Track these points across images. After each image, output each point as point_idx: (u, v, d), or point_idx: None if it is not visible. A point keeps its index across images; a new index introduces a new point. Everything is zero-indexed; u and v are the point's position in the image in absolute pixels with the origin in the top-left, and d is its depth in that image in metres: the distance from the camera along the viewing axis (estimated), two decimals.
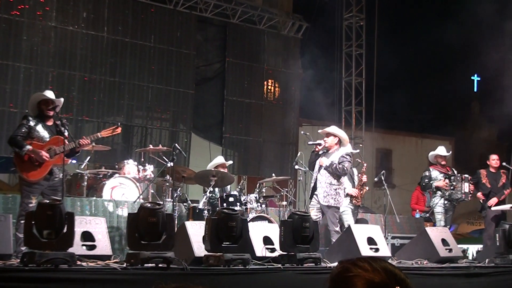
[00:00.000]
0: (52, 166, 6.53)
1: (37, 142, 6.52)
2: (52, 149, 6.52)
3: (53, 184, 6.57)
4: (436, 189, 9.46)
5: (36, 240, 5.24)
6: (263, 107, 14.66)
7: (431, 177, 9.55)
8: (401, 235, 9.56)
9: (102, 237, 6.35)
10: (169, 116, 13.35)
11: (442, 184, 9.39)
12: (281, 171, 13.75)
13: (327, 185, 7.71)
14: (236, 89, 14.32)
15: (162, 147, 9.61)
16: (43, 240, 5.26)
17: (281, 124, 14.86)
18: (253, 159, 14.38)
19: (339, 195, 7.76)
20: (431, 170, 9.62)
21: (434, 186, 9.44)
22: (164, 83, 13.16)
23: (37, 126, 6.59)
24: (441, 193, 9.41)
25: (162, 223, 5.69)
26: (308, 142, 8.09)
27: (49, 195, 6.34)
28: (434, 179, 9.51)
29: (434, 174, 9.56)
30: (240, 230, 6.08)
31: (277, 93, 15.35)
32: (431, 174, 9.58)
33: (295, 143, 15.14)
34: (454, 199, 9.41)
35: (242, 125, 14.34)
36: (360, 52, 16.42)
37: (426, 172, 9.66)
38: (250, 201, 8.45)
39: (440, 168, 9.60)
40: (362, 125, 16.57)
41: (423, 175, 9.67)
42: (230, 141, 14.09)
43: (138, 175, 9.30)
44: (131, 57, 12.76)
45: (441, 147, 9.71)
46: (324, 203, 7.66)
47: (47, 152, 6.49)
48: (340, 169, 7.68)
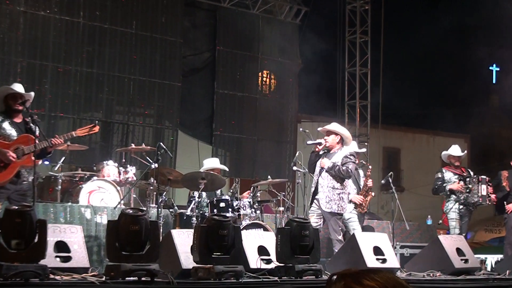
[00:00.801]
0: (20, 167, 6.47)
1: (3, 140, 6.45)
2: (20, 149, 6.45)
3: (21, 188, 6.52)
4: (450, 192, 9.47)
5: (3, 251, 5.20)
6: (258, 101, 14.65)
7: (444, 179, 9.55)
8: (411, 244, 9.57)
9: (78, 247, 6.32)
10: (153, 112, 13.33)
11: (457, 187, 9.40)
12: (277, 173, 13.75)
13: (329, 190, 7.71)
14: (228, 81, 14.30)
15: (146, 147, 9.58)
16: (11, 251, 5.22)
17: (278, 120, 14.86)
18: (247, 159, 14.38)
19: (343, 200, 7.76)
20: (444, 172, 9.63)
21: (448, 189, 9.45)
22: (148, 74, 13.13)
23: (4, 123, 6.53)
24: (455, 197, 9.41)
25: (146, 231, 5.66)
26: (307, 142, 8.08)
27: (17, 201, 6.29)
28: (447, 182, 9.51)
29: (448, 175, 9.57)
30: (232, 239, 6.06)
31: (273, 86, 15.34)
32: (444, 175, 9.58)
33: (293, 142, 15.14)
34: (470, 204, 9.41)
35: (235, 121, 14.33)
36: (365, 39, 16.44)
37: (438, 174, 9.67)
38: (243, 207, 8.43)
39: (454, 169, 9.60)
40: (368, 121, 16.59)
41: (436, 177, 9.67)
42: (221, 139, 14.08)
43: (118, 177, 9.27)
44: (110, 46, 12.72)
45: (455, 146, 9.72)
46: (327, 209, 7.65)
47: (14, 152, 6.42)
48: (344, 172, 7.67)
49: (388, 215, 14.39)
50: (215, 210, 8.13)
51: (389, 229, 9.39)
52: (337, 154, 7.85)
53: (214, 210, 8.14)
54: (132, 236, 5.61)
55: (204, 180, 8.19)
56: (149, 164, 8.48)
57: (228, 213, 8.07)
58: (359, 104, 16.49)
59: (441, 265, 7.76)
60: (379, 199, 17.06)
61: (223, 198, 8.40)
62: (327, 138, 7.95)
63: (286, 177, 13.99)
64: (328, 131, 7.99)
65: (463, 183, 9.42)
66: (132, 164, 10.00)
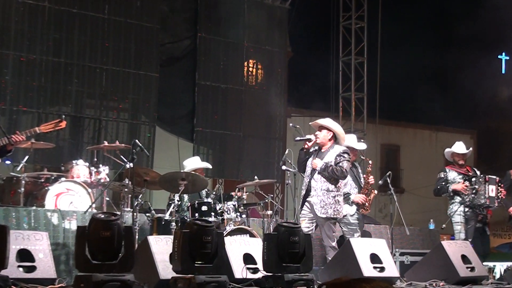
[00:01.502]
0: None
1: None
2: None
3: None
4: (453, 193, 9.48)
5: None
6: (243, 93, 14.64)
7: (447, 179, 9.56)
8: (412, 250, 9.60)
9: (44, 256, 6.29)
10: (128, 106, 13.27)
11: (461, 187, 9.40)
12: (265, 173, 13.75)
13: (323, 193, 7.69)
14: (210, 71, 14.27)
15: (120, 144, 9.54)
16: None
17: (265, 114, 14.86)
18: (231, 158, 14.36)
19: (339, 204, 7.75)
20: (447, 171, 9.64)
21: (451, 190, 9.47)
22: (122, 64, 13.07)
23: None
24: (460, 199, 9.43)
25: (119, 238, 5.64)
26: (295, 138, 8.07)
27: None
28: (451, 182, 9.53)
29: (451, 175, 9.58)
30: (215, 247, 6.06)
31: (260, 77, 15.33)
32: (447, 175, 9.59)
33: (282, 138, 15.15)
34: (476, 206, 9.43)
35: (218, 116, 14.31)
36: (361, 25, 16.48)
37: (441, 173, 9.68)
38: (227, 211, 8.42)
39: (458, 168, 9.62)
40: (364, 115, 16.66)
41: (438, 177, 9.69)
42: (203, 136, 14.06)
43: (89, 178, 9.23)
44: (80, 33, 12.64)
45: (458, 143, 9.73)
46: (322, 214, 7.65)
47: None
48: (339, 172, 7.66)
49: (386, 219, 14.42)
50: (196, 215, 8.11)
51: (388, 235, 9.42)
52: (329, 152, 7.82)
53: (196, 215, 8.12)
54: (104, 244, 5.59)
55: (184, 181, 8.17)
56: (123, 164, 8.45)
57: (210, 217, 8.06)
58: (355, 97, 16.54)
59: (445, 273, 7.79)
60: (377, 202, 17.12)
61: (205, 201, 8.38)
62: (318, 133, 7.93)
63: (275, 177, 13.98)
64: (320, 126, 7.97)
65: (468, 183, 9.42)
66: (105, 163, 9.96)
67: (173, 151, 13.97)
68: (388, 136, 21.85)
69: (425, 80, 19.99)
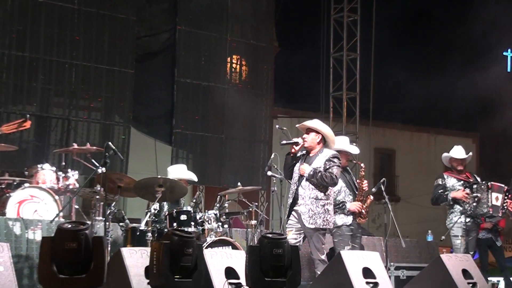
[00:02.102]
0: None
1: None
2: None
3: None
4: (453, 202, 9.48)
5: None
6: (226, 92, 14.64)
7: (445, 187, 9.55)
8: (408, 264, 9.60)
9: (4, 269, 6.23)
10: (101, 105, 13.23)
11: (461, 195, 9.39)
12: (249, 179, 13.75)
13: (312, 201, 7.68)
14: (190, 68, 14.26)
15: (91, 147, 9.49)
16: None
17: (250, 115, 14.87)
18: (213, 162, 14.35)
19: (328, 213, 7.75)
20: (446, 178, 9.62)
21: (450, 198, 9.47)
22: (93, 59, 13.02)
23: None
24: (460, 208, 9.44)
25: (88, 249, 5.60)
26: (281, 142, 8.05)
27: None
28: (450, 189, 9.53)
29: (450, 182, 9.56)
30: (194, 260, 6.04)
31: (244, 74, 15.34)
32: (445, 182, 9.59)
33: (267, 141, 15.15)
34: (478, 215, 9.44)
35: (199, 116, 14.30)
36: (354, 18, 16.53)
37: (438, 180, 9.66)
38: (208, 220, 8.40)
39: (457, 174, 9.62)
40: (356, 116, 16.70)
41: (435, 184, 9.67)
42: (182, 138, 14.03)
43: (57, 184, 9.17)
44: (46, 24, 12.58)
45: (457, 147, 9.70)
46: (310, 225, 7.63)
47: None
48: (328, 178, 7.65)
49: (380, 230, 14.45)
50: (174, 224, 8.08)
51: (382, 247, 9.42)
52: (318, 157, 7.81)
53: (174, 224, 8.09)
54: (71, 256, 5.54)
55: (161, 187, 8.14)
56: (95, 169, 8.40)
57: (190, 227, 8.03)
58: (346, 96, 16.58)
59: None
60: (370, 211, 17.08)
61: (184, 210, 8.35)
62: (305, 136, 7.92)
63: (260, 184, 13.97)
64: (308, 128, 7.97)
65: (469, 191, 9.41)
66: (74, 168, 9.91)
67: (149, 154, 13.94)
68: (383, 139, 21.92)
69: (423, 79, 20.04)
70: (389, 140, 22.34)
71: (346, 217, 8.42)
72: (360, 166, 8.84)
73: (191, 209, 8.41)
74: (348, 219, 8.43)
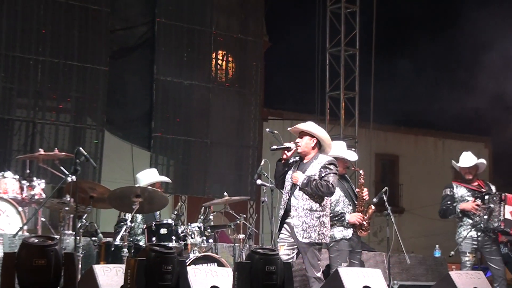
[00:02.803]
0: None
1: None
2: None
3: None
4: (462, 214, 9.46)
5: None
6: (211, 91, 14.66)
7: (454, 197, 9.52)
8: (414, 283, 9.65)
9: None
10: (70, 106, 13.21)
11: (471, 207, 9.34)
12: (237, 188, 13.76)
13: (306, 213, 7.68)
14: (171, 65, 14.27)
15: (60, 153, 9.47)
16: None
17: (238, 117, 14.89)
18: (196, 170, 14.35)
19: (324, 226, 7.75)
20: (455, 187, 9.58)
21: (459, 210, 9.45)
22: (62, 55, 13.01)
23: None
24: (470, 221, 9.41)
25: (57, 267, 5.60)
26: (272, 147, 8.06)
27: None
28: (458, 200, 9.51)
29: (460, 192, 9.53)
30: (175, 278, 6.04)
31: (231, 71, 15.36)
32: (454, 192, 9.57)
33: (257, 146, 15.16)
34: (489, 229, 9.42)
35: (181, 119, 14.31)
36: (353, 9, 16.55)
37: (447, 190, 9.61)
38: (191, 234, 8.41)
39: (467, 183, 9.59)
40: (355, 118, 16.72)
41: (444, 195, 9.62)
42: (162, 143, 14.03)
43: (20, 195, 9.15)
44: (8, 16, 12.57)
45: (464, 155, 9.64)
46: (304, 239, 7.64)
47: None
48: (324, 187, 7.65)
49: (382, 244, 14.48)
50: (153, 239, 8.09)
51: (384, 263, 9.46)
52: (313, 164, 7.82)
53: (153, 239, 8.09)
54: (38, 274, 5.54)
55: (139, 198, 8.13)
56: (64, 177, 8.39)
57: (171, 242, 8.04)
58: (344, 97, 16.59)
59: None
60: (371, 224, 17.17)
61: (164, 222, 8.36)
62: (299, 141, 7.93)
63: (248, 194, 13.98)
64: (301, 131, 7.98)
65: (481, 202, 9.38)
66: (40, 176, 9.88)
67: (126, 161, 13.92)
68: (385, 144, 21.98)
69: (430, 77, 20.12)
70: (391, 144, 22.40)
71: (345, 230, 8.42)
72: (359, 173, 8.86)
73: (172, 221, 8.42)
74: (348, 232, 8.43)
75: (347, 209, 8.49)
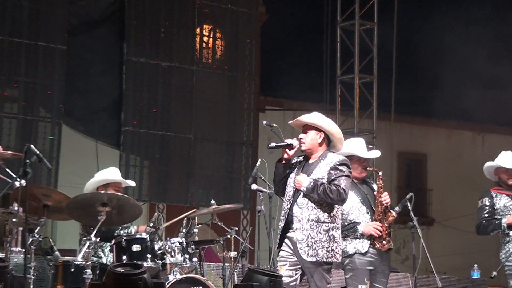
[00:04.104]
0: None
1: None
2: None
3: None
4: (509, 229, 9.46)
5: None
6: (195, 75, 14.66)
7: (494, 209, 9.52)
8: None
9: None
10: (18, 93, 13.22)
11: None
12: (227, 194, 13.79)
13: (312, 225, 7.66)
14: (145, 43, 14.29)
15: (4, 151, 9.43)
16: None
17: (228, 107, 14.89)
18: (177, 172, 14.36)
19: (335, 241, 7.73)
20: (494, 196, 9.58)
21: (504, 225, 9.44)
22: (8, 31, 13.05)
23: None
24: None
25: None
26: (269, 144, 8.04)
27: None
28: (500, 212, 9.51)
29: (501, 202, 9.49)
30: None
31: (219, 51, 15.36)
32: (494, 202, 9.57)
33: (251, 143, 15.17)
34: None
35: (157, 109, 14.31)
36: None
37: (484, 200, 9.56)
38: (171, 251, 8.39)
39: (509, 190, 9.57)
40: (373, 108, 16.73)
41: (480, 206, 9.59)
42: (134, 138, 14.03)
43: None
44: None
45: (504, 154, 9.62)
46: (309, 257, 7.62)
47: None
48: (334, 192, 7.62)
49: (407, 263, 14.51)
50: (124, 257, 8.07)
51: (410, 286, 9.45)
52: (320, 164, 7.79)
53: (123, 257, 8.07)
54: None
55: (106, 206, 8.12)
56: (10, 181, 8.36)
57: (146, 261, 8.01)
58: (359, 81, 16.59)
59: None
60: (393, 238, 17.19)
61: (137, 237, 8.34)
62: (303, 136, 7.92)
63: (241, 201, 13.98)
64: (306, 125, 7.97)
65: None
66: None
67: (89, 161, 13.91)
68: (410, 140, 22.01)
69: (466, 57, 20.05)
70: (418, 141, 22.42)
71: (359, 242, 8.39)
72: (377, 174, 8.82)
73: (147, 236, 8.40)
74: (363, 245, 8.40)
75: (364, 218, 8.45)
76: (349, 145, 8.29)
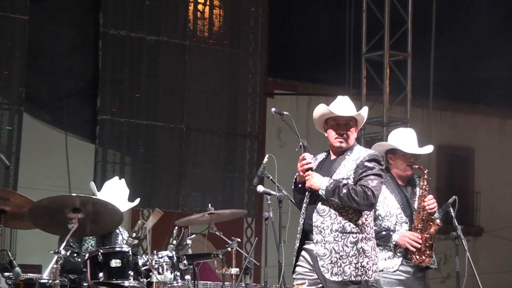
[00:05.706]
0: None
1: None
2: None
3: None
4: None
5: None
6: (188, 53, 14.70)
7: None
8: None
9: None
10: None
11: None
12: (227, 198, 13.82)
13: (335, 236, 7.65)
14: (127, 12, 14.35)
15: None
16: None
17: (228, 91, 14.93)
18: (166, 171, 14.40)
19: (365, 255, 7.73)
20: None
21: None
22: None
23: None
24: None
25: None
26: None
27: None
28: None
29: None
30: None
31: (217, 22, 15.40)
32: None
33: (257, 135, 15.20)
34: None
35: (141, 93, 14.34)
36: None
37: None
38: (158, 267, 8.43)
39: None
40: (407, 93, 16.74)
41: None
42: (113, 130, 14.07)
43: None
44: None
45: None
46: (333, 276, 7.62)
47: None
48: (359, 194, 7.59)
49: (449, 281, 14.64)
50: (100, 274, 8.11)
51: None
52: (345, 161, 7.74)
53: (100, 275, 8.11)
54: None
55: (78, 212, 8.15)
56: None
57: (127, 280, 8.06)
58: (390, 60, 16.61)
59: None
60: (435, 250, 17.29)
61: (118, 250, 8.38)
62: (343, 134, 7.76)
63: (245, 206, 14.01)
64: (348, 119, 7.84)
65: None
66: None
67: (57, 157, 13.96)
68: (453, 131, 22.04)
69: None
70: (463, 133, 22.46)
71: (392, 259, 8.41)
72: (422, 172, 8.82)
73: (129, 249, 8.43)
74: (395, 262, 8.42)
75: (401, 227, 8.46)
76: (393, 137, 8.32)
